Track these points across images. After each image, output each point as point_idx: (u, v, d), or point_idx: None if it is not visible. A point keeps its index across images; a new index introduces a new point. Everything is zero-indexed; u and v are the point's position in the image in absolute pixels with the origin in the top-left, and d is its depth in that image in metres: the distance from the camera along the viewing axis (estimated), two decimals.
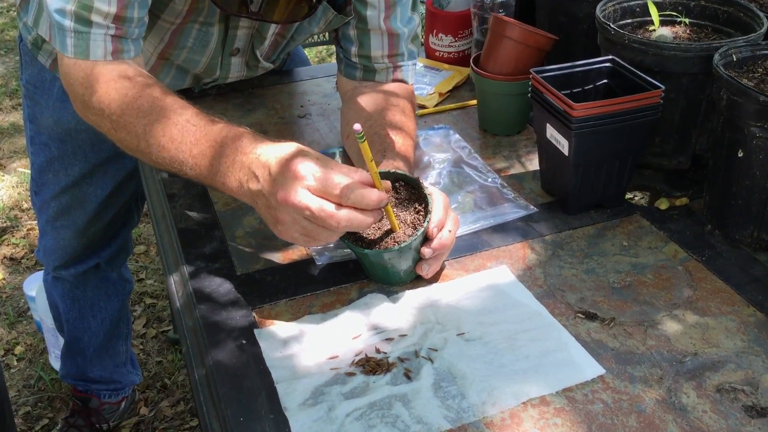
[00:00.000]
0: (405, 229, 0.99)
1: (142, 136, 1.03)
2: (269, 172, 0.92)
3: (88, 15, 1.05)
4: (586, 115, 1.08)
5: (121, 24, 1.08)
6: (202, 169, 1.00)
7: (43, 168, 1.60)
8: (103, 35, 1.07)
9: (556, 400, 0.86)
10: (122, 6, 1.06)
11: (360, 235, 1.00)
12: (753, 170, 1.06)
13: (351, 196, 0.89)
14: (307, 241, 0.95)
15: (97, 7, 1.05)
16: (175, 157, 1.02)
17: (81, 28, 1.06)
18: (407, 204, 1.03)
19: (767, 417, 0.84)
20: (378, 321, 0.98)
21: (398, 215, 1.01)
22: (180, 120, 1.02)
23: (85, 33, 1.06)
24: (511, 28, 1.34)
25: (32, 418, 2.12)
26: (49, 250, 1.73)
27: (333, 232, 0.92)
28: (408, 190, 1.04)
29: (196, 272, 1.07)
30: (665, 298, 1.01)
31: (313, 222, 0.90)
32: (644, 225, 1.16)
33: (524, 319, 0.98)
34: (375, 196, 0.90)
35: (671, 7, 1.33)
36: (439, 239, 1.00)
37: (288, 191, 0.89)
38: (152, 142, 1.03)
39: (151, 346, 2.36)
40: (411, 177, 1.04)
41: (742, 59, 1.14)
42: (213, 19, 1.26)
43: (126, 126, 1.05)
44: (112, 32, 1.08)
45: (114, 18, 1.07)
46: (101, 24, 1.06)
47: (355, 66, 1.32)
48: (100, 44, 1.07)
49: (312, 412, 0.85)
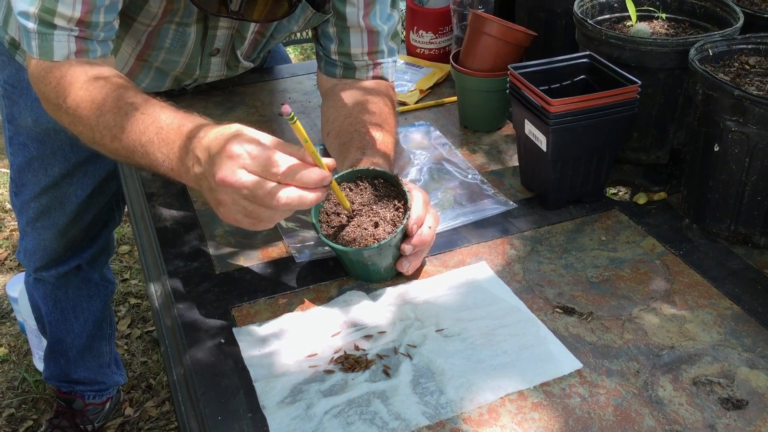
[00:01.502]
0: (384, 226, 1.00)
1: (95, 128, 1.03)
2: (209, 153, 0.90)
3: (51, 18, 1.06)
4: (564, 111, 1.09)
5: (85, 27, 1.08)
6: (150, 157, 0.98)
7: (23, 168, 1.59)
8: (66, 36, 1.08)
9: (534, 394, 0.86)
10: (86, 11, 1.07)
11: (340, 234, 1.00)
12: (729, 164, 1.07)
13: (290, 174, 0.87)
14: (252, 223, 0.92)
15: (60, 11, 1.06)
16: (127, 146, 1.00)
17: (44, 30, 1.07)
18: (386, 201, 1.03)
19: (743, 409, 0.84)
20: (357, 318, 0.98)
21: (378, 212, 1.01)
22: (129, 109, 1.01)
23: (48, 35, 1.07)
24: (490, 24, 1.34)
25: (16, 420, 2.11)
26: (29, 251, 1.72)
27: (275, 211, 0.89)
28: (387, 188, 1.05)
29: (174, 271, 1.07)
30: (642, 292, 1.02)
31: (253, 201, 0.88)
32: (622, 220, 1.16)
33: (503, 314, 0.98)
34: (316, 173, 0.88)
35: (649, 3, 1.33)
36: (419, 236, 1.00)
37: (225, 171, 0.87)
38: (105, 133, 1.02)
39: (136, 346, 2.35)
40: (390, 174, 1.04)
41: (718, 54, 1.14)
42: (190, 19, 1.25)
43: (82, 119, 1.05)
44: (75, 34, 1.08)
45: (78, 22, 1.07)
46: (64, 27, 1.07)
47: (335, 63, 1.32)
48: (63, 45, 1.08)
49: (290, 410, 0.85)
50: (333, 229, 1.00)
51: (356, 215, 1.01)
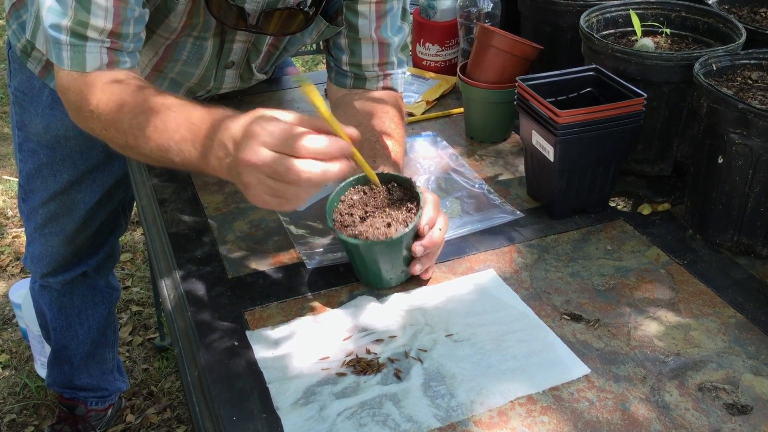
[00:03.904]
0: (396, 226, 1.01)
1: (128, 130, 1.04)
2: (234, 141, 0.91)
3: (83, 31, 1.06)
4: (571, 122, 1.11)
5: (116, 39, 1.09)
6: (185, 153, 1.00)
7: (32, 175, 1.61)
8: (98, 47, 1.08)
9: (543, 398, 0.88)
10: (118, 23, 1.08)
11: (353, 231, 1.02)
12: (733, 176, 1.09)
13: (309, 146, 0.87)
14: (280, 203, 0.91)
15: (92, 23, 1.06)
16: (161, 146, 1.02)
17: (77, 42, 1.07)
18: (400, 204, 1.05)
19: (747, 414, 0.86)
20: (368, 322, 0.99)
21: (390, 214, 1.03)
22: (161, 108, 1.02)
23: (80, 46, 1.08)
24: (497, 37, 1.37)
25: (18, 426, 2.11)
26: (36, 257, 1.73)
27: (299, 188, 0.89)
28: (401, 191, 1.07)
29: (187, 276, 1.08)
30: (648, 300, 1.03)
31: (277, 179, 0.88)
32: (627, 230, 1.18)
33: (511, 320, 1.00)
34: (335, 143, 0.88)
35: (653, 18, 1.36)
36: (430, 237, 1.02)
37: (246, 151, 0.88)
38: (138, 134, 1.03)
39: (138, 353, 2.35)
40: (403, 177, 1.07)
41: (721, 68, 1.17)
42: (208, 33, 1.28)
43: (114, 123, 1.06)
44: (108, 45, 1.09)
45: (109, 33, 1.08)
46: (97, 39, 1.08)
47: (346, 74, 1.34)
48: (96, 56, 1.09)
49: (304, 411, 0.86)
50: (346, 228, 1.02)
51: (369, 216, 1.03)
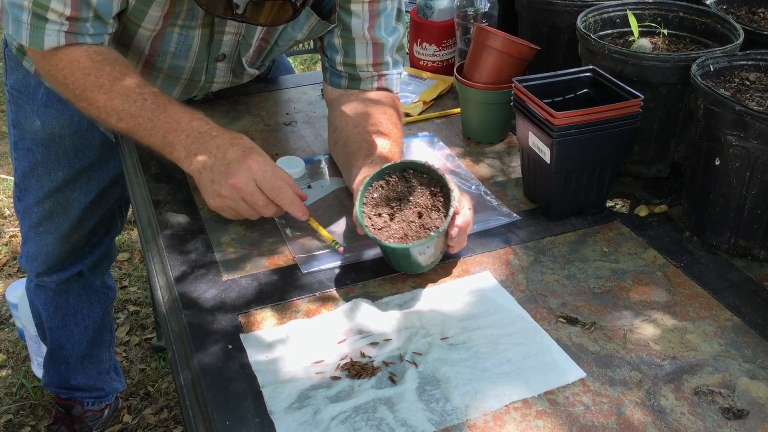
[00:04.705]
0: (428, 213, 1.02)
1: (102, 109, 1.19)
2: (225, 155, 1.10)
3: (44, 13, 1.15)
4: (568, 124, 1.10)
5: (74, 22, 1.17)
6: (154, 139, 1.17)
7: (27, 173, 1.60)
8: (56, 31, 1.18)
9: (538, 402, 0.87)
10: (76, 9, 1.15)
11: (389, 233, 1.02)
12: (730, 178, 1.08)
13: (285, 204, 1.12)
14: (233, 215, 1.14)
15: (53, 7, 1.14)
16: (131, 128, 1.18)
17: (37, 23, 1.16)
18: (421, 189, 1.05)
19: (743, 419, 0.86)
20: (363, 325, 0.99)
21: (417, 203, 1.04)
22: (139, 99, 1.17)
23: (40, 28, 1.16)
24: (494, 38, 1.36)
25: (14, 426, 2.10)
26: (31, 256, 1.72)
27: (255, 215, 1.13)
28: (418, 177, 1.07)
29: (181, 277, 1.08)
30: (644, 303, 1.03)
31: (245, 202, 1.10)
32: (624, 232, 1.18)
33: (507, 323, 0.99)
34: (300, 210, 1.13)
35: (650, 19, 1.35)
36: (464, 217, 1.04)
37: (240, 179, 1.09)
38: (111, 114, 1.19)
39: (135, 353, 2.35)
40: (419, 162, 1.07)
41: (719, 69, 1.16)
42: (194, 22, 1.27)
43: (86, 100, 1.20)
44: (65, 29, 1.17)
45: (68, 17, 1.16)
46: (56, 21, 1.16)
47: (341, 74, 1.34)
48: (53, 38, 1.18)
49: (297, 415, 0.86)
50: (380, 230, 1.02)
51: (397, 211, 1.03)
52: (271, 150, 1.40)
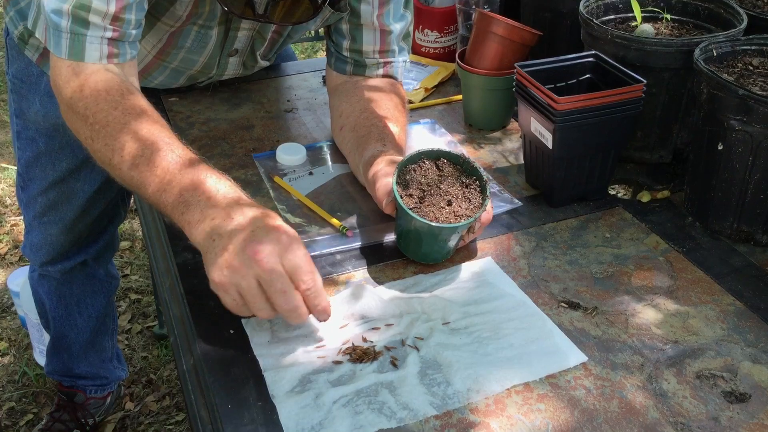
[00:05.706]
0: (458, 203, 1.03)
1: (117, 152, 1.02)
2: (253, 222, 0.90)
3: (85, 15, 1.04)
4: (570, 109, 1.10)
5: (119, 25, 1.07)
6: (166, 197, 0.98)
7: (31, 163, 1.60)
8: (99, 38, 1.06)
9: (540, 386, 0.87)
10: (121, 7, 1.05)
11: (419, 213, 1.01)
12: (732, 163, 1.08)
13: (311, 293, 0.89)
14: (234, 303, 0.90)
15: (95, 6, 1.04)
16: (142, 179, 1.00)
17: (78, 29, 1.05)
18: (452, 179, 1.06)
19: (745, 402, 0.86)
20: (365, 311, 0.99)
21: (447, 191, 1.04)
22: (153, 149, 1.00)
23: (81, 35, 1.05)
24: (496, 23, 1.35)
25: (16, 413, 2.11)
26: (35, 246, 1.72)
27: (266, 308, 0.89)
28: (451, 167, 1.08)
29: (183, 264, 1.08)
30: (646, 288, 1.03)
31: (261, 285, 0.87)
32: (626, 217, 1.17)
33: (509, 308, 0.99)
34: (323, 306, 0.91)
35: (653, 3, 1.35)
36: (486, 213, 1.06)
37: (263, 248, 0.87)
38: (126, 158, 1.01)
39: (137, 341, 2.36)
40: (454, 153, 1.08)
41: (722, 54, 1.16)
42: (213, 22, 1.26)
43: (104, 139, 1.03)
44: (108, 35, 1.06)
45: (112, 19, 1.06)
46: (98, 25, 1.05)
47: (346, 60, 1.33)
48: (96, 47, 1.06)
49: (299, 399, 0.86)
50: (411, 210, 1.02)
51: (426, 195, 1.04)
52: (272, 137, 1.40)
